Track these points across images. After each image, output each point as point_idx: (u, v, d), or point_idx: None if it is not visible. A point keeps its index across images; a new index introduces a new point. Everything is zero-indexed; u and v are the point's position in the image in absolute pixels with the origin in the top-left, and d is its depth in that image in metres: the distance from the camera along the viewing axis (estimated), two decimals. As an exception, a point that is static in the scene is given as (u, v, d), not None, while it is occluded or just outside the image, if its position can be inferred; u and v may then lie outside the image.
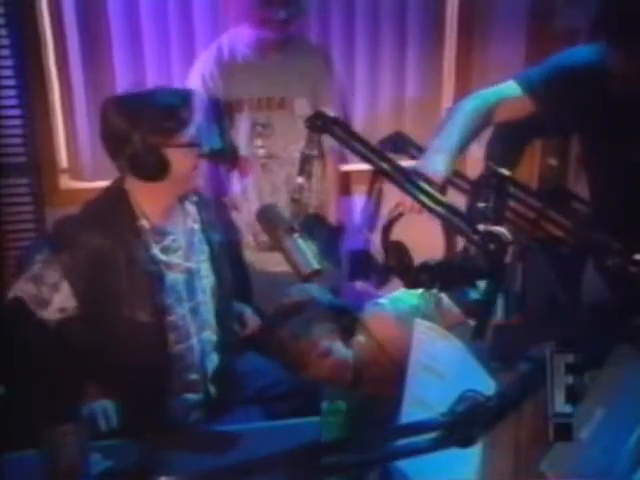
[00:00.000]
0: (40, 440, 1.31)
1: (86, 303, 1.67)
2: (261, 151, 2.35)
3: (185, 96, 1.73)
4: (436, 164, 1.48)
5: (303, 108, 2.28)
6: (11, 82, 2.39)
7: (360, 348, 1.78)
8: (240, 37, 2.31)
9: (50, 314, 1.67)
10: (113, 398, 1.65)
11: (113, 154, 1.70)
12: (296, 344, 1.80)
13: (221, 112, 2.32)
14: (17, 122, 2.43)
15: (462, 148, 1.59)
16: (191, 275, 1.79)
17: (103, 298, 1.67)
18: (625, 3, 1.50)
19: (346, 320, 1.83)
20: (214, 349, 1.85)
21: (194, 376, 1.79)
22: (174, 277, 1.75)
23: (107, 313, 1.68)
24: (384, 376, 1.66)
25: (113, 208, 1.72)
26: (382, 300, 1.81)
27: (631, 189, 1.68)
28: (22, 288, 1.67)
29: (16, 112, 2.42)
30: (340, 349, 1.79)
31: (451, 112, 1.68)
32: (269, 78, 2.31)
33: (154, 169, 1.67)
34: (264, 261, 2.36)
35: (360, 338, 1.80)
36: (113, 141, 1.69)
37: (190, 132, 1.69)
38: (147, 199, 1.73)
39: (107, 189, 1.76)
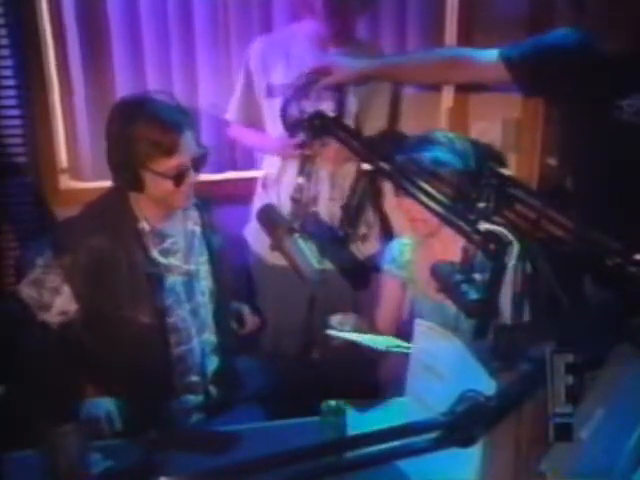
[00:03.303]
0: (40, 440, 1.31)
1: (87, 306, 1.67)
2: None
3: (177, 125, 1.62)
4: (350, 61, 1.81)
5: (353, 105, 2.23)
6: (11, 82, 2.38)
7: None
8: (300, 29, 2.30)
9: (52, 317, 1.67)
10: (115, 399, 1.64)
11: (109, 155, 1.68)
12: None
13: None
14: (17, 122, 2.42)
15: (397, 66, 1.94)
16: (190, 277, 1.79)
17: (104, 300, 1.67)
18: None
19: None
20: (213, 350, 1.86)
21: (195, 378, 1.80)
22: (173, 279, 1.75)
23: (108, 315, 1.68)
24: None
25: (114, 210, 1.70)
26: None
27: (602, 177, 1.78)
28: (24, 291, 1.67)
29: (16, 112, 2.41)
30: None
31: None
32: None
33: (129, 183, 1.66)
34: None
35: None
36: (109, 142, 1.67)
37: (170, 163, 1.62)
38: (145, 203, 1.71)
39: (108, 191, 1.74)
